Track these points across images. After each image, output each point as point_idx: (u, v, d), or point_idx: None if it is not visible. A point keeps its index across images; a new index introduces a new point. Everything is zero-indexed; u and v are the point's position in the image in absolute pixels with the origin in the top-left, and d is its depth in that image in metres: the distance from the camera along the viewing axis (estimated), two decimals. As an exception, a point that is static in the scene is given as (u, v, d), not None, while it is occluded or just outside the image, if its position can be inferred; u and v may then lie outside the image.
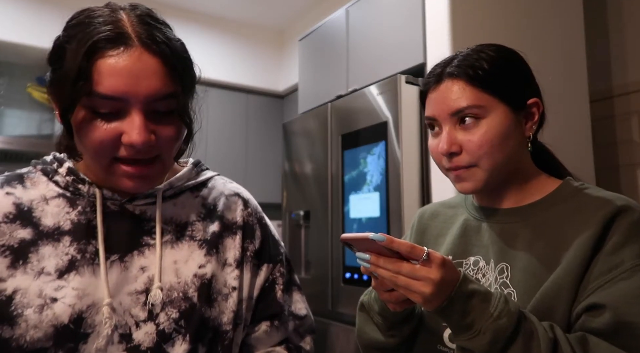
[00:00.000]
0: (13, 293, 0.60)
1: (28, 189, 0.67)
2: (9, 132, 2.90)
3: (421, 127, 1.78)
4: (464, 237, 0.84)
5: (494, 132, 0.72)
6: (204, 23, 3.27)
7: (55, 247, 0.64)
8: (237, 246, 0.75)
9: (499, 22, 1.79)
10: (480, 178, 0.75)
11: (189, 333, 0.66)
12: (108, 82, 0.57)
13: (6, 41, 2.63)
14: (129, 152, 0.60)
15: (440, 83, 0.77)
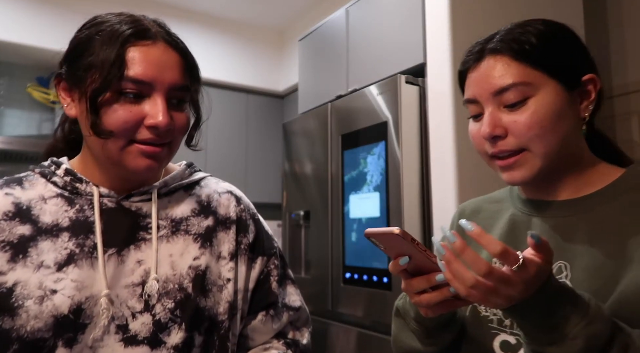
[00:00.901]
0: (13, 285, 0.63)
1: (27, 190, 0.70)
2: (9, 132, 2.90)
3: (421, 127, 1.78)
4: (512, 234, 0.75)
5: (544, 112, 0.64)
6: (204, 23, 3.27)
7: (54, 242, 0.66)
8: (231, 240, 0.78)
9: (499, 22, 1.78)
10: (534, 166, 0.66)
11: (185, 322, 0.68)
12: (139, 67, 0.65)
13: (6, 41, 2.63)
14: (150, 133, 0.66)
15: (482, 61, 0.69)
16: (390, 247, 0.64)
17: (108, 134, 0.65)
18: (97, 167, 0.72)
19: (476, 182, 1.65)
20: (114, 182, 0.73)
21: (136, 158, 0.67)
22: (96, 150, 0.69)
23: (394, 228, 0.59)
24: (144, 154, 0.67)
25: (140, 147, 0.67)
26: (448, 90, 1.65)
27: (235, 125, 3.33)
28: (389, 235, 0.59)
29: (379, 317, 1.77)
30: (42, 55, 2.81)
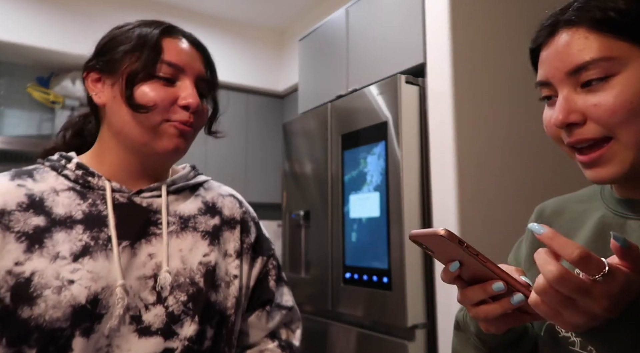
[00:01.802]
0: (31, 275, 0.63)
1: (38, 182, 0.72)
2: (9, 132, 2.90)
3: (421, 127, 1.78)
4: (602, 239, 0.62)
5: (632, 92, 0.53)
6: (204, 23, 3.27)
7: (69, 233, 0.68)
8: (236, 239, 0.82)
9: (499, 22, 1.79)
10: (624, 160, 0.55)
11: (197, 315, 0.71)
12: (174, 54, 0.73)
13: (6, 41, 2.63)
14: (181, 114, 0.72)
15: (555, 35, 0.58)
16: (439, 252, 0.56)
17: (145, 109, 0.70)
18: (110, 162, 0.75)
19: (476, 182, 1.65)
20: (126, 177, 0.76)
21: (169, 137, 0.72)
22: (125, 134, 0.73)
23: (439, 229, 0.51)
24: (176, 132, 0.72)
25: (174, 125, 0.72)
26: (448, 90, 1.65)
27: (235, 125, 3.32)
28: (433, 236, 0.52)
29: (379, 317, 1.77)
30: (42, 55, 2.80)
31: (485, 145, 1.69)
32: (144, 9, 3.05)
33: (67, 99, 2.91)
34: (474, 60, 1.70)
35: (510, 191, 1.73)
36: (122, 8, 2.97)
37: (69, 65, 2.94)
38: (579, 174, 0.66)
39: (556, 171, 1.83)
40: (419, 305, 1.66)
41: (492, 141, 1.72)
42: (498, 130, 1.73)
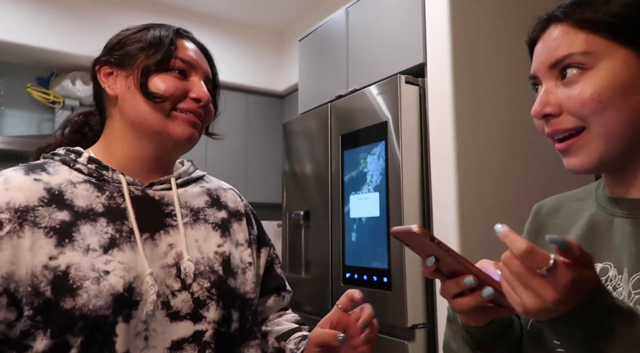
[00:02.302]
0: (67, 268, 0.65)
1: (53, 175, 0.72)
2: (8, 132, 2.90)
3: (421, 127, 1.78)
4: (591, 237, 0.65)
5: (602, 85, 0.55)
6: (204, 23, 3.27)
7: (94, 226, 0.70)
8: (244, 229, 0.88)
9: (499, 22, 1.79)
10: (594, 150, 0.57)
11: (221, 300, 0.75)
12: (186, 51, 0.79)
13: (6, 41, 2.63)
14: (193, 104, 0.76)
15: (545, 31, 0.61)
16: (417, 248, 0.60)
17: (160, 97, 0.74)
18: (121, 155, 0.78)
19: (476, 181, 1.65)
20: (137, 170, 0.78)
21: (182, 125, 0.76)
22: (139, 123, 0.76)
23: (413, 225, 0.55)
24: (188, 122, 0.76)
25: (184, 115, 0.76)
26: (448, 90, 1.65)
27: (235, 125, 3.33)
28: (409, 233, 0.56)
29: (379, 317, 1.76)
30: (42, 55, 2.80)
31: (485, 145, 1.69)
32: (144, 9, 3.05)
33: (67, 99, 2.91)
34: (474, 60, 1.70)
35: (510, 191, 1.73)
36: (122, 8, 2.97)
37: (69, 65, 2.95)
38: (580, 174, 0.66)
39: (556, 171, 1.83)
40: (419, 305, 1.66)
41: (492, 141, 1.72)
42: (498, 130, 1.73)
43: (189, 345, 0.71)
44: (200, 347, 0.71)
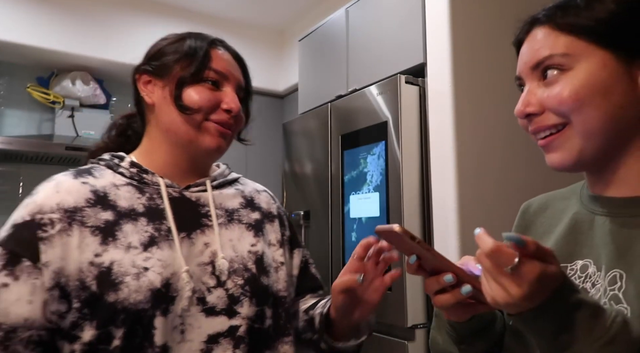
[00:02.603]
0: (110, 264, 0.70)
1: (98, 179, 0.78)
2: (8, 132, 2.89)
3: (421, 127, 1.78)
4: (573, 235, 0.67)
5: (580, 85, 0.57)
6: (204, 23, 3.27)
7: (135, 225, 0.75)
8: (276, 230, 0.91)
9: (499, 22, 1.79)
10: (573, 147, 0.59)
11: (255, 297, 0.78)
12: (221, 62, 0.82)
13: (6, 41, 2.63)
14: (222, 116, 0.80)
15: (530, 33, 0.63)
16: (400, 246, 0.62)
17: (191, 110, 0.78)
18: (160, 159, 0.82)
19: (476, 181, 1.65)
20: (174, 173, 0.83)
21: (211, 136, 0.80)
22: (172, 132, 0.80)
23: (394, 225, 0.58)
24: (218, 133, 0.80)
25: (216, 125, 0.80)
26: (448, 90, 1.65)
27: (235, 125, 3.33)
28: (391, 232, 0.58)
29: (379, 317, 1.77)
30: (42, 55, 2.80)
31: (485, 145, 1.69)
32: (144, 9, 3.05)
33: (67, 99, 2.91)
34: (474, 60, 1.70)
35: (510, 191, 1.72)
36: (122, 8, 2.97)
37: (69, 65, 2.94)
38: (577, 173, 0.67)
39: (556, 171, 1.83)
40: (419, 305, 1.66)
41: (492, 141, 1.72)
42: (498, 130, 1.73)
43: (224, 340, 0.74)
44: (235, 341, 0.75)
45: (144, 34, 3.03)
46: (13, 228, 0.70)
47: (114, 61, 2.90)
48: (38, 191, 0.74)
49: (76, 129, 2.92)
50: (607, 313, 0.48)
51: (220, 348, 0.74)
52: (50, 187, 0.74)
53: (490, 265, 0.48)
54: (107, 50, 2.87)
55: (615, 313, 0.48)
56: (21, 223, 0.70)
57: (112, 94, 3.21)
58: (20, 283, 0.67)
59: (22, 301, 0.66)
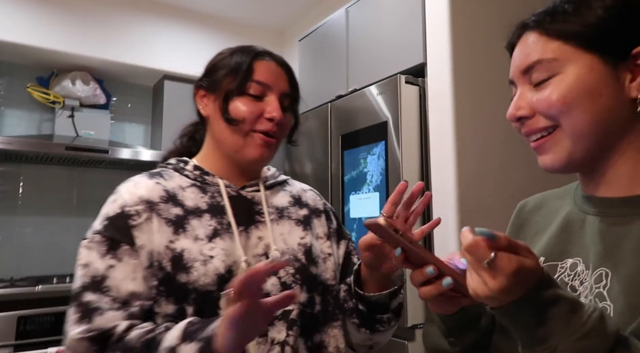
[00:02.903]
0: (182, 251, 0.81)
1: (168, 181, 0.89)
2: (8, 132, 2.89)
3: (421, 127, 1.78)
4: (564, 234, 0.69)
5: (567, 88, 0.59)
6: (204, 23, 3.27)
7: (200, 220, 0.85)
8: (323, 224, 0.99)
9: (499, 22, 1.79)
10: (564, 149, 0.61)
11: (305, 284, 0.87)
12: (263, 74, 0.89)
13: (6, 41, 2.63)
14: (266, 125, 0.87)
15: (520, 38, 0.65)
16: (387, 239, 0.64)
17: (237, 122, 0.86)
18: (218, 163, 0.92)
19: (476, 181, 1.66)
20: (230, 175, 0.92)
21: (256, 146, 0.88)
22: (222, 142, 0.90)
23: (379, 218, 0.59)
24: (262, 142, 0.88)
25: (260, 135, 0.87)
26: (448, 90, 1.65)
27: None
28: (377, 225, 0.59)
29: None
30: (42, 55, 2.80)
31: (485, 145, 1.69)
32: (144, 8, 3.05)
33: (67, 99, 2.91)
34: (474, 60, 1.70)
35: (510, 190, 1.73)
36: (122, 8, 2.97)
37: (69, 65, 2.94)
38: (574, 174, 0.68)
39: (548, 172, 1.83)
40: (418, 305, 1.66)
41: (491, 141, 1.72)
42: (498, 130, 1.74)
43: (278, 322, 0.83)
44: (288, 323, 0.84)
45: (144, 34, 3.03)
46: (107, 220, 0.82)
47: (114, 61, 2.90)
48: (120, 190, 0.87)
49: (76, 129, 2.92)
50: (585, 308, 0.49)
51: (275, 329, 0.83)
52: (130, 185, 0.87)
53: (470, 259, 0.50)
54: (107, 50, 2.87)
55: (593, 309, 0.49)
56: (114, 216, 0.82)
57: (112, 94, 3.21)
58: (123, 264, 0.79)
59: (127, 278, 0.78)
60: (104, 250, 0.80)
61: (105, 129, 3.04)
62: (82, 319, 0.74)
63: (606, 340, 0.48)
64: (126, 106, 3.30)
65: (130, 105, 3.31)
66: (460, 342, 0.70)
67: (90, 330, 0.73)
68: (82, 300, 0.76)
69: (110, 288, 0.77)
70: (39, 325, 2.31)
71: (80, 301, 0.76)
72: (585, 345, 0.47)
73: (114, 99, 3.23)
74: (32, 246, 2.91)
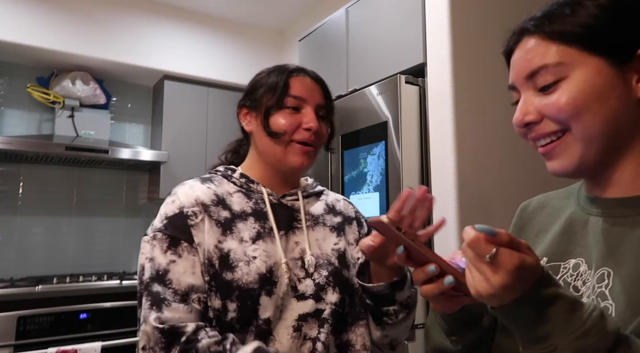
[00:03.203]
0: (228, 251, 0.89)
1: (217, 186, 0.97)
2: (8, 132, 2.89)
3: (421, 127, 1.78)
4: (567, 234, 0.69)
5: (576, 91, 0.58)
6: (204, 23, 3.27)
7: (245, 223, 0.93)
8: (354, 231, 1.06)
9: (499, 22, 1.79)
10: (574, 153, 0.60)
11: (337, 286, 0.94)
12: (298, 88, 0.98)
13: (6, 41, 2.63)
14: (304, 134, 0.96)
15: (520, 42, 0.65)
16: (390, 237, 0.65)
17: (278, 135, 0.95)
18: (261, 173, 1.00)
19: (476, 181, 1.66)
20: (271, 184, 1.00)
21: (295, 155, 0.96)
22: (265, 153, 0.98)
23: (382, 216, 0.60)
24: (301, 151, 0.96)
25: (299, 145, 0.96)
26: (448, 90, 1.65)
27: (235, 125, 3.31)
28: (380, 223, 0.60)
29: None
30: (42, 55, 2.80)
31: (485, 145, 1.70)
32: (144, 9, 3.05)
33: (67, 99, 2.91)
34: (474, 60, 1.70)
35: (510, 190, 1.73)
36: (122, 8, 2.97)
37: (69, 65, 2.95)
38: None
39: (557, 177, 1.83)
40: (419, 305, 1.66)
41: (491, 141, 1.72)
42: (498, 130, 1.73)
43: (311, 319, 0.91)
44: (319, 321, 0.91)
45: (144, 34, 3.03)
46: (167, 220, 0.90)
47: (114, 61, 2.90)
48: (177, 192, 0.94)
49: (76, 129, 2.92)
50: (585, 307, 0.50)
51: (308, 326, 0.90)
52: (186, 188, 0.95)
53: (472, 255, 0.50)
54: (107, 50, 2.87)
55: (593, 308, 0.50)
56: (173, 215, 0.90)
57: (112, 94, 3.21)
58: (183, 259, 0.87)
59: (187, 272, 0.86)
60: (165, 246, 0.88)
61: (105, 129, 3.04)
62: (153, 306, 0.83)
63: (606, 338, 0.48)
64: (126, 106, 3.30)
65: (130, 105, 3.31)
66: (462, 341, 0.70)
67: (162, 320, 0.81)
68: (152, 290, 0.85)
69: (172, 282, 0.85)
70: (39, 325, 2.31)
71: (150, 290, 0.85)
72: (585, 343, 0.48)
73: (114, 99, 3.23)
74: (32, 246, 2.91)
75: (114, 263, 3.08)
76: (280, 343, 0.88)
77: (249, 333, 0.87)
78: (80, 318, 2.41)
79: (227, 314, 0.86)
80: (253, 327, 0.87)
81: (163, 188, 2.90)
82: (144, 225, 3.19)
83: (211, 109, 3.21)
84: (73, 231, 3.01)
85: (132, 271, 3.01)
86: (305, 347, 0.89)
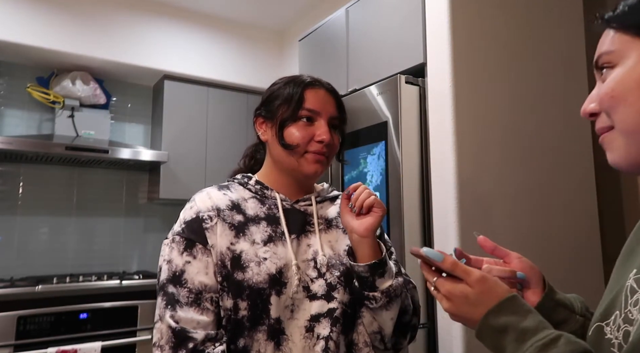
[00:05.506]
0: (240, 252, 0.94)
1: (233, 193, 1.03)
2: (8, 132, 2.90)
3: (421, 127, 1.78)
4: (634, 236, 0.65)
5: (617, 81, 0.55)
6: (204, 23, 3.27)
7: (258, 227, 0.98)
8: None
9: (499, 22, 1.79)
10: (619, 146, 0.56)
11: (348, 286, 0.98)
12: (312, 101, 1.02)
13: (6, 41, 2.63)
14: (317, 146, 1.00)
15: None
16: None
17: (292, 147, 0.99)
18: (276, 179, 1.05)
19: (476, 181, 1.65)
20: (286, 190, 1.05)
21: (309, 163, 1.00)
22: (280, 162, 1.02)
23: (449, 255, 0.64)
24: (314, 160, 1.00)
25: (313, 155, 1.00)
26: (448, 90, 1.65)
27: (235, 125, 3.32)
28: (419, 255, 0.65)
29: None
30: (42, 55, 2.80)
31: (485, 145, 1.69)
32: (144, 9, 3.05)
33: (67, 99, 2.91)
34: (474, 60, 1.70)
35: (510, 190, 1.73)
36: (122, 8, 2.97)
37: (69, 65, 2.95)
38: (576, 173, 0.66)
39: (555, 171, 1.83)
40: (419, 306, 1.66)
41: (491, 141, 1.72)
42: (498, 130, 1.73)
43: (323, 318, 0.94)
44: (332, 320, 0.94)
45: (144, 34, 3.03)
46: (185, 224, 0.96)
47: (114, 61, 2.90)
48: (195, 198, 1.01)
49: (76, 128, 2.92)
50: (537, 337, 0.51)
51: (321, 325, 0.93)
52: (204, 195, 1.01)
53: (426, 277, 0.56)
54: (107, 50, 2.87)
55: (544, 336, 0.51)
56: (190, 220, 0.96)
57: (112, 94, 3.21)
58: (197, 260, 0.93)
59: (201, 273, 0.92)
60: (182, 248, 0.94)
61: (105, 129, 3.04)
62: (168, 306, 0.89)
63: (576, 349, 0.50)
64: (126, 106, 3.30)
65: (130, 105, 3.31)
66: None
67: (176, 319, 0.87)
68: (167, 291, 0.91)
69: (187, 281, 0.91)
70: (39, 325, 2.31)
71: (165, 291, 0.91)
72: None
73: (114, 99, 3.23)
74: (32, 246, 2.91)
75: (114, 263, 3.08)
76: (293, 342, 0.92)
77: (261, 331, 0.91)
78: (80, 318, 2.42)
79: (238, 312, 0.90)
80: (265, 326, 0.91)
81: (163, 188, 2.87)
82: (144, 225, 3.18)
83: (211, 109, 3.21)
84: (73, 231, 3.01)
85: (132, 271, 3.01)
86: (318, 346, 0.92)
